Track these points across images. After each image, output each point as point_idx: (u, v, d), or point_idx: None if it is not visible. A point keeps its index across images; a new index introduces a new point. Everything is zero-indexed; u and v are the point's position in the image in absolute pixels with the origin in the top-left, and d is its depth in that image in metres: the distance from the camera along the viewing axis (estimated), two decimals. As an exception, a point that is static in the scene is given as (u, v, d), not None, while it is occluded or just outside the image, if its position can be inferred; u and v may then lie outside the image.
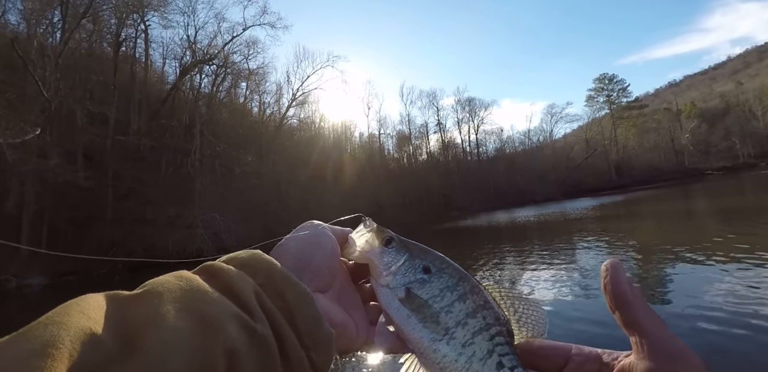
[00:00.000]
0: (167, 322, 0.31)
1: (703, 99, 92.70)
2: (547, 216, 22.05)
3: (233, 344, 0.32)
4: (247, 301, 0.37)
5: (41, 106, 17.26)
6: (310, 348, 0.39)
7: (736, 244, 7.36)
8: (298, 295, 0.41)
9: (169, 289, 0.34)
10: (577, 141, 69.31)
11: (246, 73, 34.49)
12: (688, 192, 27.40)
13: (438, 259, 0.53)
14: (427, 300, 0.48)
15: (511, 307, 0.50)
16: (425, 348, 0.47)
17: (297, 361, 0.37)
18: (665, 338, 0.34)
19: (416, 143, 57.86)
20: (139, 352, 0.28)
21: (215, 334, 0.32)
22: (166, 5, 28.92)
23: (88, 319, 0.29)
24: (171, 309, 0.32)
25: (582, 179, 56.10)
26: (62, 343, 0.26)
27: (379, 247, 0.53)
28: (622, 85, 68.64)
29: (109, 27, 27.50)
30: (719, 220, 11.83)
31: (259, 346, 0.35)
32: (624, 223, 14.01)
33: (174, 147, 25.69)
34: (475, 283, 0.51)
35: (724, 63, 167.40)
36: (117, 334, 0.29)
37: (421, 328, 0.47)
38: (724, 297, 4.80)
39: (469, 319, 0.47)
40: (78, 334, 0.27)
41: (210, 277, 0.38)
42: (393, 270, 0.51)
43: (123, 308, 0.32)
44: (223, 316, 0.34)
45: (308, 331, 0.39)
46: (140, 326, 0.30)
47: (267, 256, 0.44)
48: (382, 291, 0.51)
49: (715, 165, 59.87)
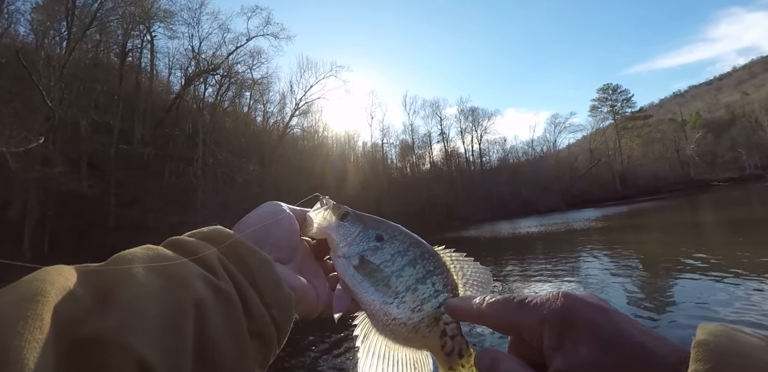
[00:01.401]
0: (138, 279, 0.33)
1: (709, 109, 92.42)
2: (551, 227, 21.79)
3: (201, 297, 0.35)
4: (211, 264, 0.40)
5: (45, 115, 17.48)
6: (271, 306, 0.42)
7: (742, 258, 7.21)
8: (259, 260, 0.44)
9: (137, 256, 0.37)
10: (581, 151, 69.03)
11: (250, 82, 34.87)
12: (694, 203, 27.05)
13: (391, 228, 0.54)
14: (379, 265, 0.51)
15: (460, 271, 0.52)
16: (377, 310, 0.49)
17: (260, 318, 0.40)
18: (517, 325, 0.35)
19: (419, 153, 57.90)
20: (114, 306, 0.30)
21: (183, 289, 0.35)
22: (171, 16, 29.46)
23: (66, 280, 0.31)
24: (140, 270, 0.34)
25: (586, 189, 55.68)
26: (48, 294, 0.28)
27: (336, 222, 0.55)
28: (626, 96, 68.58)
29: (116, 38, 28.01)
30: (726, 232, 11.62)
31: (224, 302, 0.37)
32: (629, 235, 13.80)
33: (177, 156, 25.88)
34: (427, 249, 0.52)
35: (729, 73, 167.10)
36: (92, 292, 0.31)
37: (373, 291, 0.50)
38: (730, 310, 4.72)
39: (419, 284, 0.49)
40: (59, 289, 0.29)
41: (176, 248, 0.41)
42: (348, 241, 0.53)
43: (94, 273, 0.34)
44: (190, 275, 0.37)
45: (269, 291, 0.43)
46: (112, 286, 0.32)
47: (228, 230, 0.47)
48: (339, 261, 0.53)
49: (721, 176, 59.21)
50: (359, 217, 0.56)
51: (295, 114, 39.64)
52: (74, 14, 22.17)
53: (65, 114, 19.80)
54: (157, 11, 28.49)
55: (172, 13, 29.50)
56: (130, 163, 24.55)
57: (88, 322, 0.29)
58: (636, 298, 5.81)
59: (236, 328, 0.38)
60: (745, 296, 5.16)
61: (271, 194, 31.32)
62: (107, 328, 0.29)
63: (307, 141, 45.31)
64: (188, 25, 30.83)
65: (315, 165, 39.68)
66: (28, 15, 23.27)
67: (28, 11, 23.34)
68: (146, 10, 27.25)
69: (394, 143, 56.85)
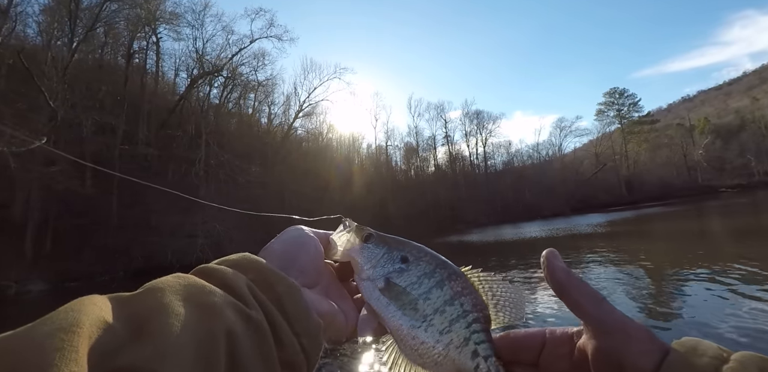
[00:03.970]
0: (171, 309, 0.33)
1: (718, 115, 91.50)
2: (555, 232, 21.58)
3: (232, 327, 0.35)
4: (241, 293, 0.40)
5: (49, 116, 17.59)
6: (300, 335, 0.42)
7: (751, 267, 7.04)
8: (287, 287, 0.44)
9: (169, 285, 0.37)
10: (586, 155, 68.56)
11: (254, 84, 34.98)
12: (702, 209, 26.66)
13: (415, 249, 0.54)
14: (405, 287, 0.50)
15: (489, 291, 0.51)
16: (404, 335, 0.48)
17: (290, 346, 0.40)
18: (602, 315, 0.35)
19: (424, 155, 57.81)
20: (147, 336, 0.31)
21: (216, 318, 0.35)
22: (177, 18, 29.64)
23: (100, 310, 0.31)
24: (173, 299, 0.35)
25: (591, 194, 55.19)
26: (83, 325, 0.28)
27: (360, 244, 0.55)
28: (633, 100, 68.08)
29: (122, 39, 28.25)
30: (733, 241, 11.36)
31: (255, 330, 0.37)
32: (634, 242, 13.56)
33: (180, 157, 25.96)
34: (454, 270, 0.51)
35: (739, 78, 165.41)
36: (126, 322, 0.32)
37: (400, 315, 0.49)
38: (736, 320, 4.64)
39: (447, 306, 0.48)
40: (94, 319, 0.30)
41: (205, 276, 0.41)
42: (373, 263, 0.53)
43: (128, 303, 0.34)
44: (221, 303, 0.37)
45: (298, 319, 0.42)
46: (147, 315, 0.33)
47: (256, 257, 0.47)
48: (364, 284, 0.52)
49: (730, 182, 58.33)
50: (383, 238, 0.56)
51: (299, 116, 39.73)
52: (77, 16, 22.34)
53: (68, 115, 19.93)
54: (162, 13, 28.69)
55: (178, 15, 29.71)
56: (133, 164, 24.64)
57: (122, 353, 0.29)
58: (640, 307, 5.70)
59: (267, 357, 0.37)
60: (751, 307, 5.05)
61: (274, 196, 31.35)
62: (141, 359, 0.29)
63: (312, 143, 45.40)
64: (192, 27, 31.06)
65: (319, 167, 39.69)
66: (38, 17, 23.56)
67: (37, 13, 23.63)
68: (152, 12, 27.44)
69: (398, 146, 56.88)
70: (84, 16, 23.16)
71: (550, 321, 5.43)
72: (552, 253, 0.40)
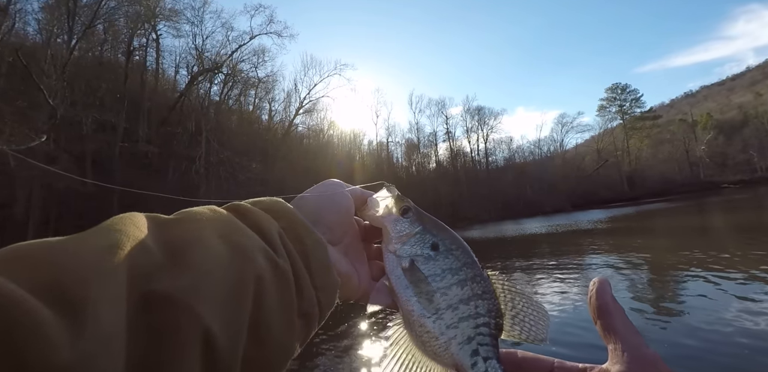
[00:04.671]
0: (209, 244, 0.34)
1: (721, 110, 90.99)
2: (557, 228, 21.51)
3: (261, 272, 0.36)
4: (272, 239, 0.40)
5: (48, 114, 17.57)
6: (319, 289, 0.43)
7: (753, 264, 7.00)
8: (315, 242, 0.44)
9: (207, 217, 0.38)
10: (588, 151, 68.36)
11: (254, 81, 34.87)
12: (704, 206, 26.58)
13: (449, 239, 0.53)
14: (427, 277, 0.50)
15: (510, 303, 0.50)
16: (413, 320, 0.49)
17: (308, 299, 0.41)
18: (639, 345, 0.36)
19: (425, 152, 57.67)
20: (184, 266, 0.31)
21: (248, 262, 0.35)
22: (177, 15, 29.51)
23: (140, 232, 0.32)
24: (210, 234, 0.35)
25: (593, 190, 55.05)
26: (125, 246, 0.29)
27: (396, 215, 0.54)
28: (635, 95, 67.73)
29: (122, 36, 28.13)
30: (736, 237, 11.31)
31: (281, 279, 0.38)
32: (636, 238, 13.50)
33: (180, 154, 25.95)
34: (479, 272, 0.51)
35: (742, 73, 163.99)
36: (162, 248, 0.32)
37: (414, 301, 0.49)
38: (738, 316, 4.63)
39: (462, 304, 0.48)
40: (134, 241, 0.31)
41: (240, 214, 0.42)
42: (403, 239, 0.52)
43: (165, 228, 0.35)
44: (254, 247, 0.37)
45: (320, 274, 0.43)
46: (183, 245, 0.33)
47: (288, 205, 0.48)
48: (389, 257, 0.52)
49: (732, 178, 58.13)
50: (420, 216, 0.55)
51: (299, 112, 39.65)
52: (75, 13, 22.26)
53: (69, 113, 19.91)
54: (162, 10, 28.56)
55: (178, 12, 29.58)
56: (134, 161, 24.66)
57: (158, 278, 0.29)
58: (642, 305, 5.67)
59: (288, 305, 0.38)
60: (754, 304, 5.03)
61: (274, 193, 31.11)
62: (177, 288, 0.29)
63: (312, 140, 45.28)
64: (191, 23, 30.94)
65: (320, 164, 39.60)
66: (37, 14, 23.47)
67: (37, 10, 23.54)
68: (151, 8, 27.30)
69: (399, 142, 56.74)
70: (83, 14, 23.08)
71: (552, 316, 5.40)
72: (603, 279, 0.42)
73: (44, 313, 0.22)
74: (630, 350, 0.36)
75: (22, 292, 0.22)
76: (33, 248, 0.27)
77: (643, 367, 0.34)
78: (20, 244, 0.27)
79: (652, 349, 0.36)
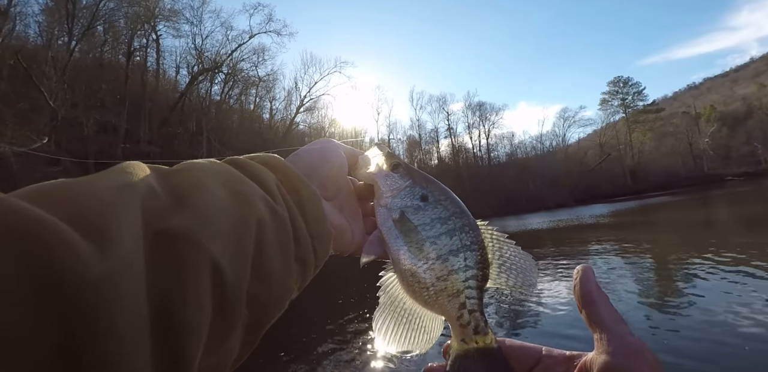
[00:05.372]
0: (211, 189, 0.36)
1: (724, 102, 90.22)
2: (559, 223, 21.50)
3: (261, 217, 0.38)
4: (270, 189, 0.42)
5: (49, 116, 17.63)
6: (315, 238, 0.45)
7: (758, 257, 6.95)
8: (310, 193, 0.46)
9: (207, 167, 0.40)
10: (590, 146, 68.05)
11: (255, 80, 34.85)
12: (707, 199, 26.44)
13: (438, 190, 0.54)
14: (417, 226, 0.51)
15: (498, 252, 0.52)
16: (404, 269, 0.50)
17: (305, 246, 0.43)
18: (623, 335, 0.36)
19: (426, 148, 57.62)
20: (189, 208, 0.33)
21: (249, 206, 0.37)
22: (176, 15, 29.49)
23: (147, 175, 0.34)
24: (212, 181, 0.37)
25: (596, 185, 54.87)
26: (137, 185, 0.31)
27: (386, 171, 0.56)
28: (637, 88, 67.28)
29: (121, 37, 28.14)
30: (740, 230, 11.25)
31: (279, 225, 0.40)
32: (639, 232, 13.48)
33: (182, 153, 26.01)
34: (469, 221, 0.52)
35: (746, 65, 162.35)
36: (167, 192, 0.34)
37: (405, 250, 0.50)
38: (742, 310, 4.62)
39: (451, 256, 0.49)
40: (143, 183, 0.32)
41: (238, 166, 0.43)
42: (394, 193, 0.54)
43: (168, 176, 0.37)
44: (254, 194, 0.39)
45: (315, 224, 0.45)
46: (187, 189, 0.35)
47: (284, 160, 0.49)
48: (380, 210, 0.54)
49: (736, 170, 57.79)
50: (410, 171, 0.56)
51: (300, 111, 39.65)
52: (75, 15, 22.28)
53: (70, 114, 19.98)
54: (162, 10, 28.54)
55: (177, 12, 29.55)
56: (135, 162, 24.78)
57: (166, 217, 0.31)
58: (645, 299, 5.66)
59: (286, 250, 0.40)
60: (758, 297, 5.01)
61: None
62: (185, 226, 0.31)
63: (314, 138, 45.10)
64: (191, 23, 30.92)
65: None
66: (38, 17, 23.50)
67: (37, 13, 23.56)
68: (151, 9, 27.29)
69: (401, 139, 56.66)
70: (83, 16, 23.09)
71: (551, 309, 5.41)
72: (587, 267, 0.42)
73: (73, 235, 0.24)
74: (615, 339, 0.36)
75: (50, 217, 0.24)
76: (53, 187, 0.28)
77: (628, 356, 0.35)
78: (40, 184, 0.29)
79: (637, 338, 0.36)
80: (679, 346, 3.91)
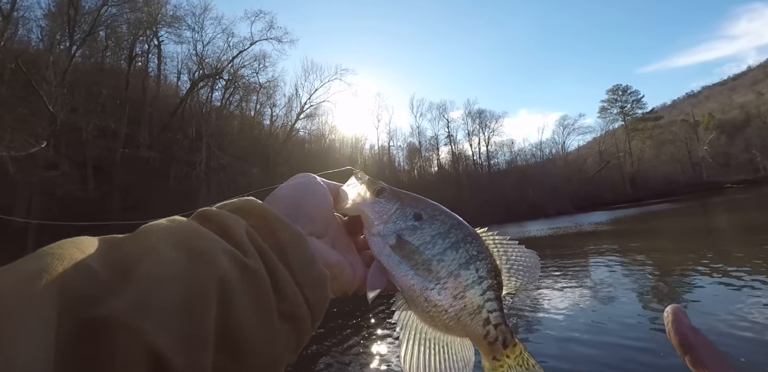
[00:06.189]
0: (160, 254, 0.31)
1: (722, 110, 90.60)
2: (560, 230, 21.41)
3: (226, 275, 0.32)
4: (238, 239, 0.36)
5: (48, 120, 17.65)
6: (304, 285, 0.39)
7: (758, 265, 6.89)
8: (291, 234, 0.41)
9: (162, 228, 0.35)
10: (590, 153, 68.15)
11: (255, 86, 35.00)
12: (707, 206, 26.41)
13: (430, 207, 0.52)
14: (418, 246, 0.48)
15: (504, 256, 0.50)
16: (417, 296, 0.47)
17: (292, 298, 0.37)
18: None
19: (426, 155, 57.67)
20: (132, 281, 0.28)
21: (207, 266, 0.32)
22: (178, 21, 29.74)
23: (82, 253, 0.29)
24: (164, 244, 0.32)
25: (595, 192, 54.80)
26: (55, 270, 0.26)
27: (371, 198, 0.52)
28: (636, 96, 67.64)
29: (123, 43, 28.36)
30: (740, 238, 11.19)
31: (252, 280, 0.34)
32: (640, 240, 13.37)
33: (181, 159, 26.02)
34: (470, 231, 0.50)
35: (744, 73, 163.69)
36: (110, 266, 0.29)
37: (412, 275, 0.47)
38: (742, 317, 4.57)
39: (462, 270, 0.47)
40: (71, 263, 0.27)
41: (203, 220, 0.38)
42: (384, 219, 0.50)
43: (117, 246, 0.32)
44: (215, 250, 0.34)
45: (301, 269, 0.39)
46: (133, 259, 0.30)
47: (260, 202, 0.44)
48: (374, 240, 0.50)
49: (735, 178, 57.74)
50: (396, 193, 0.53)
51: (300, 117, 39.71)
52: (76, 20, 22.46)
53: (69, 119, 20.01)
54: (164, 16, 28.80)
55: (179, 18, 29.81)
56: (135, 167, 24.70)
57: (100, 301, 0.26)
58: (646, 307, 5.60)
59: (264, 309, 0.35)
60: (758, 303, 4.97)
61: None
62: (121, 309, 0.26)
63: (314, 144, 45.30)
64: (192, 30, 31.18)
65: (321, 168, 38.52)
66: (40, 21, 23.68)
67: (40, 18, 23.75)
68: (153, 15, 27.53)
69: (401, 146, 56.77)
70: (85, 21, 23.28)
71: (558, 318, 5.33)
72: (679, 308, 0.39)
73: None
74: None
75: None
76: None
77: None
78: None
79: None
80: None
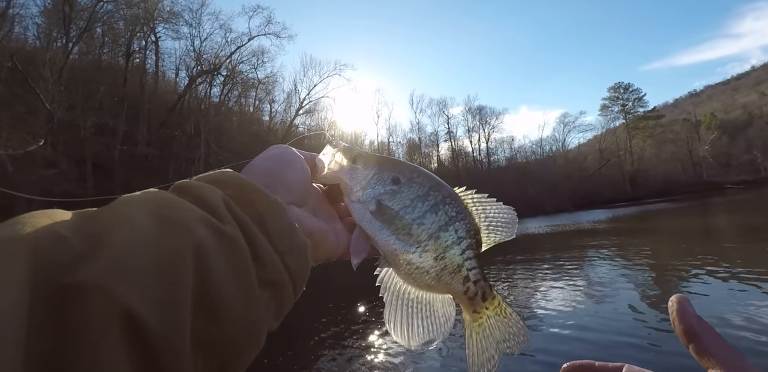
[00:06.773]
0: (133, 222, 0.31)
1: (725, 110, 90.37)
2: (558, 228, 21.44)
3: (202, 242, 0.32)
4: (215, 208, 0.36)
5: (46, 118, 17.58)
6: (284, 253, 0.39)
7: (757, 265, 6.92)
8: (269, 204, 0.41)
9: (136, 199, 0.35)
10: (590, 151, 67.98)
11: (254, 82, 34.83)
12: (707, 206, 26.42)
13: (408, 169, 0.52)
14: (398, 211, 0.48)
15: (483, 213, 0.51)
16: (399, 259, 0.48)
17: (271, 265, 0.38)
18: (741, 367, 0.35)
19: (426, 151, 57.57)
20: (106, 249, 0.28)
21: (182, 232, 0.32)
22: (175, 17, 29.54)
23: (53, 222, 0.29)
24: (138, 213, 0.32)
25: (595, 190, 54.71)
26: (26, 237, 0.26)
27: (348, 165, 0.52)
28: (637, 95, 67.30)
29: (120, 39, 28.18)
30: (739, 238, 11.17)
31: (229, 247, 0.34)
32: (638, 239, 13.39)
33: (180, 155, 25.97)
34: (449, 192, 0.50)
35: (747, 73, 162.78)
36: (83, 234, 0.29)
37: (394, 239, 0.48)
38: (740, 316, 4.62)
39: (442, 232, 0.48)
40: (42, 231, 0.27)
41: (181, 192, 0.38)
42: (363, 185, 0.50)
43: (90, 218, 0.32)
44: (191, 219, 0.34)
45: (281, 237, 0.40)
46: (107, 229, 0.30)
47: (237, 173, 0.45)
48: (354, 206, 0.50)
49: (736, 178, 57.64)
50: (372, 158, 0.53)
51: (300, 113, 39.58)
52: (71, 17, 22.30)
53: (67, 116, 19.94)
54: (161, 12, 28.59)
55: (176, 14, 29.60)
56: (134, 164, 24.67)
57: (74, 267, 0.26)
58: (645, 303, 5.66)
59: (243, 275, 0.35)
60: (756, 304, 5.02)
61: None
62: (94, 274, 0.26)
63: (314, 140, 45.14)
64: (190, 25, 30.96)
65: (320, 165, 39.46)
66: (37, 19, 23.51)
67: (36, 15, 23.58)
68: (150, 11, 27.32)
69: (401, 142, 56.67)
70: (81, 18, 23.11)
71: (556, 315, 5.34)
72: (684, 298, 0.40)
73: None
74: None
75: None
76: None
77: None
78: None
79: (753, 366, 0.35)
80: (676, 350, 3.84)
